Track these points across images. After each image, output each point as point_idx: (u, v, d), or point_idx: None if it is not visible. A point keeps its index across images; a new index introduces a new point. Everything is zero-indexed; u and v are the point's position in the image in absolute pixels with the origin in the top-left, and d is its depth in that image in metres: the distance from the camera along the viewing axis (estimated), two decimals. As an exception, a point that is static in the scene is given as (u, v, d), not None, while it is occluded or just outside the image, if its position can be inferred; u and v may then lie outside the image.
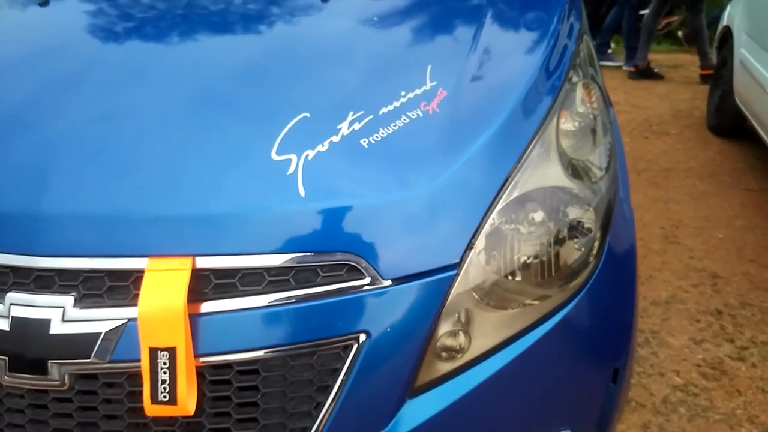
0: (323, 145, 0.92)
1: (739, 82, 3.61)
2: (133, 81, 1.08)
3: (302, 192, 0.88)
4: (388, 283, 0.87)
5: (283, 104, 0.98)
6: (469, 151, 0.93)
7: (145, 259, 0.85)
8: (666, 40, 6.96)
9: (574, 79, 1.10)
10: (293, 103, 0.97)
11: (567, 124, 1.05)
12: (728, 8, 4.06)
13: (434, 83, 1.03)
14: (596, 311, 1.04)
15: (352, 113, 0.97)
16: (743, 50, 3.54)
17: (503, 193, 0.93)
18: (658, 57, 6.24)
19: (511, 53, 1.13)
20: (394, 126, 0.95)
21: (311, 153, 0.91)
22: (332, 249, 0.87)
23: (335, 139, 0.93)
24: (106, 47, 1.22)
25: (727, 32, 3.99)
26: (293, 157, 0.90)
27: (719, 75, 4.14)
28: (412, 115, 0.97)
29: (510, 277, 0.93)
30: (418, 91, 1.01)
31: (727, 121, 3.96)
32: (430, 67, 1.06)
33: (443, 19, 1.26)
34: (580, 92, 1.10)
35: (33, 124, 0.99)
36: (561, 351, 1.00)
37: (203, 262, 0.85)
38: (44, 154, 0.94)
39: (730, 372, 2.05)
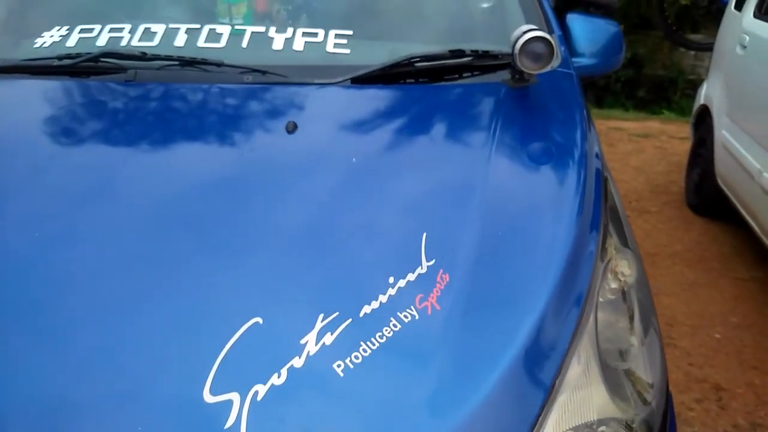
0: (279, 375, 0.65)
1: (721, 164, 3.49)
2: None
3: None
4: None
5: (224, 304, 0.70)
6: (486, 381, 0.66)
7: None
8: (633, 108, 6.98)
9: (610, 250, 0.87)
10: (238, 303, 0.70)
11: (604, 314, 0.80)
12: (704, 87, 3.99)
13: (432, 262, 0.78)
14: None
15: (321, 317, 0.70)
16: (725, 133, 3.43)
17: None
18: (627, 125, 6.20)
19: (528, 215, 0.89)
20: (380, 338, 0.69)
21: (261, 390, 0.63)
22: None
23: (297, 362, 0.66)
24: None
25: (705, 111, 3.91)
26: (234, 397, 0.62)
27: (697, 153, 4.04)
28: (405, 316, 0.71)
29: None
30: (411, 276, 0.76)
31: (709, 201, 3.83)
32: (425, 236, 0.81)
33: (438, 162, 1.02)
34: (617, 266, 0.86)
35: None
36: None
37: None
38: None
39: None
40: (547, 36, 1.26)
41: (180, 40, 1.54)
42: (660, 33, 8.35)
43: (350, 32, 1.54)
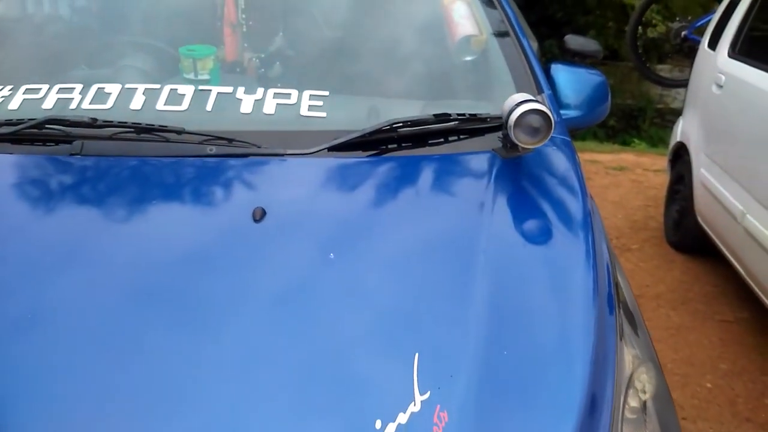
0: None
1: (701, 203, 3.46)
2: None
3: None
4: None
5: None
6: None
7: None
8: (608, 140, 7.02)
9: (629, 361, 0.76)
10: None
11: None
12: (680, 123, 3.99)
13: (426, 396, 0.66)
14: None
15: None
16: (704, 171, 3.41)
17: None
18: (602, 158, 6.21)
19: (538, 324, 0.78)
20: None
21: None
22: None
23: None
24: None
25: (682, 148, 3.89)
26: None
27: (675, 190, 4.02)
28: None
29: None
30: (402, 417, 0.63)
31: (689, 239, 3.79)
32: (417, 357, 0.69)
33: (428, 257, 0.91)
34: (637, 380, 0.75)
35: None
36: None
37: None
38: None
39: None
40: (544, 108, 1.17)
41: (137, 102, 1.41)
42: (629, 64, 8.50)
43: (326, 93, 1.44)
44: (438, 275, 0.89)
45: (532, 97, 1.21)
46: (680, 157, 3.94)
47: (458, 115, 1.34)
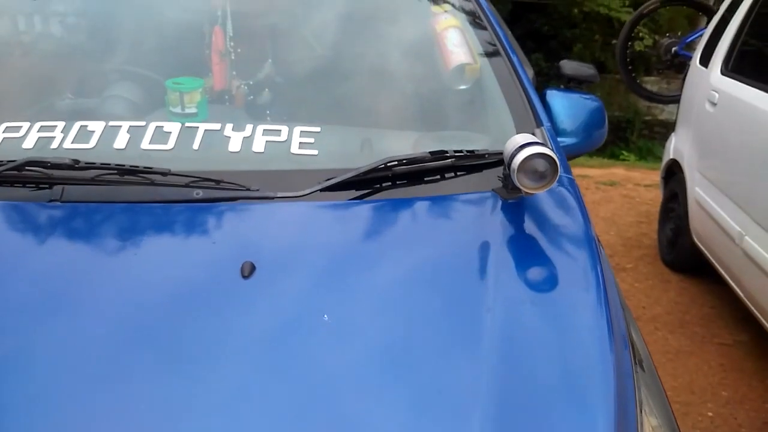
0: None
1: (697, 222, 3.41)
2: None
3: None
4: None
5: None
6: None
7: None
8: (597, 154, 6.99)
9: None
10: None
11: None
12: (672, 140, 3.95)
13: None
14: None
15: None
16: (699, 190, 3.36)
17: None
18: (592, 172, 6.18)
19: (550, 406, 0.70)
20: None
21: None
22: None
23: None
24: None
25: (675, 165, 3.85)
26: None
27: (669, 208, 3.97)
28: None
29: None
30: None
31: (684, 258, 3.74)
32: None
33: (431, 316, 0.83)
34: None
35: None
36: None
37: None
38: None
39: None
40: (549, 152, 1.09)
41: (121, 140, 1.33)
42: (616, 76, 8.50)
43: (317, 128, 1.36)
44: (441, 329, 0.81)
45: (536, 139, 1.14)
46: (673, 174, 3.90)
47: (455, 152, 1.27)
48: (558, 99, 1.82)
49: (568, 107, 1.82)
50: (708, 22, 3.93)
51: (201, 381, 0.82)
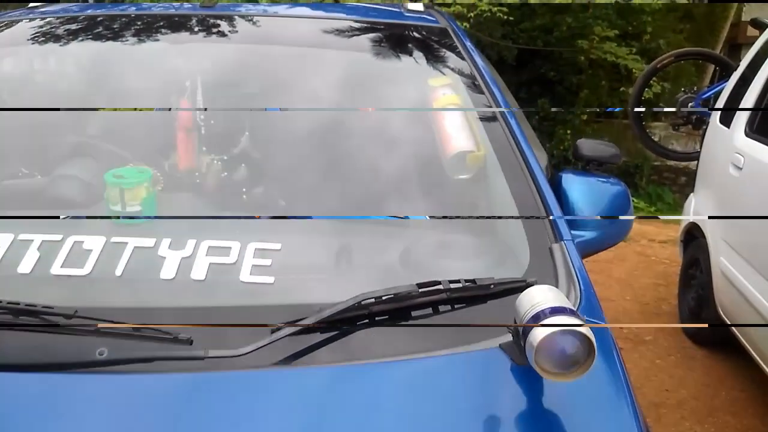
0: None
1: (723, 295, 3.11)
2: None
3: None
4: None
5: None
6: None
7: None
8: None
9: None
10: None
11: None
12: (692, 202, 3.67)
13: None
14: None
15: None
16: (724, 260, 3.07)
17: None
18: (604, 225, 5.90)
19: None
20: None
21: None
22: None
23: None
24: None
25: (695, 228, 3.57)
26: None
27: (690, 275, 3.67)
28: None
29: None
30: None
31: (709, 331, 3.42)
32: None
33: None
34: None
35: None
36: None
37: None
38: None
39: None
40: (585, 332, 0.78)
41: (28, 261, 1.06)
42: (623, 121, 8.29)
43: (277, 246, 1.09)
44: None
45: (568, 305, 0.82)
46: (694, 238, 3.61)
47: (450, 281, 0.99)
48: (575, 184, 1.56)
49: (587, 194, 1.56)
50: (717, 74, 3.70)
51: None
